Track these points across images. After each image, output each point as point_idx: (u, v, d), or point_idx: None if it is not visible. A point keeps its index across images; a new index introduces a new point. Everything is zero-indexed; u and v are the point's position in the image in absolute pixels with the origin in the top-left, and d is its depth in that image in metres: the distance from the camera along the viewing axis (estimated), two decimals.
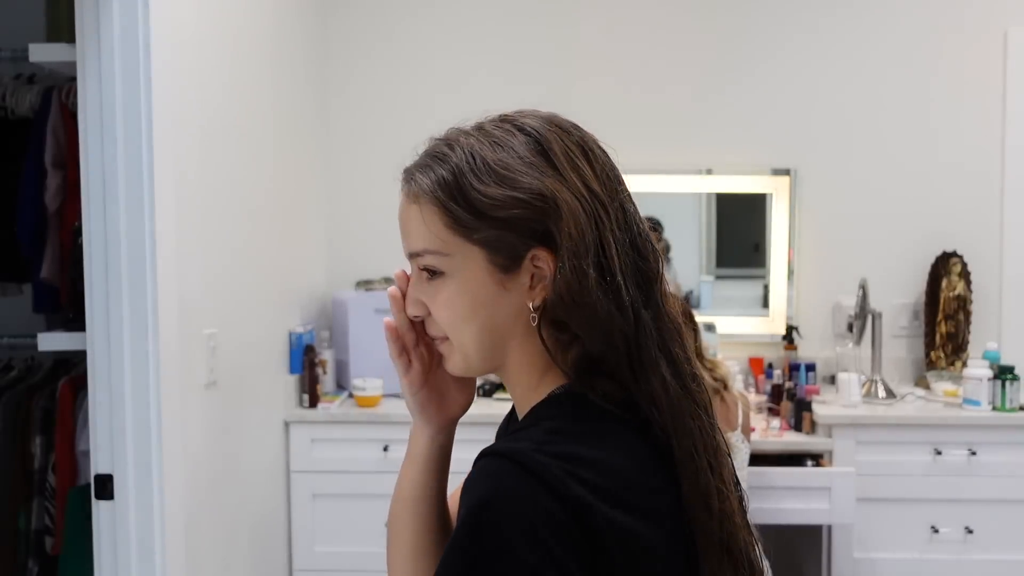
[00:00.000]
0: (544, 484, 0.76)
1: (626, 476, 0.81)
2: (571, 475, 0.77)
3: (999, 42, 3.50)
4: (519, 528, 0.75)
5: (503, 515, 0.76)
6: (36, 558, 2.55)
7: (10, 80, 2.73)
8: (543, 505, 0.75)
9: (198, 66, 2.27)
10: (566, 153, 0.86)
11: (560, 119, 0.90)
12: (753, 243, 3.64)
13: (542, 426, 0.83)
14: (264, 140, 2.83)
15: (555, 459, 0.78)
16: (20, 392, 2.62)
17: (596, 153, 0.89)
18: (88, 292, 1.96)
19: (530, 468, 0.77)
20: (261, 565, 2.83)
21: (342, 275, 3.58)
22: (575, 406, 0.85)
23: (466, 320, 0.88)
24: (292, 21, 3.18)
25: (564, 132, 0.88)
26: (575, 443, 0.81)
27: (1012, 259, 3.51)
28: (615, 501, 0.78)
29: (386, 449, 3.01)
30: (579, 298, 0.82)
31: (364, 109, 3.62)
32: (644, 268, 0.87)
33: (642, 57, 3.57)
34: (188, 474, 2.16)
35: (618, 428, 0.84)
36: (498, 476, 0.78)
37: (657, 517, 0.82)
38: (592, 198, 0.84)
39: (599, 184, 0.86)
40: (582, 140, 0.89)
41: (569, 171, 0.85)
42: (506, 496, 0.76)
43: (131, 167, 1.95)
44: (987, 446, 2.98)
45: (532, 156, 0.85)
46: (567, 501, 0.76)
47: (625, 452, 0.83)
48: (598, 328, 0.83)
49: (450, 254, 0.87)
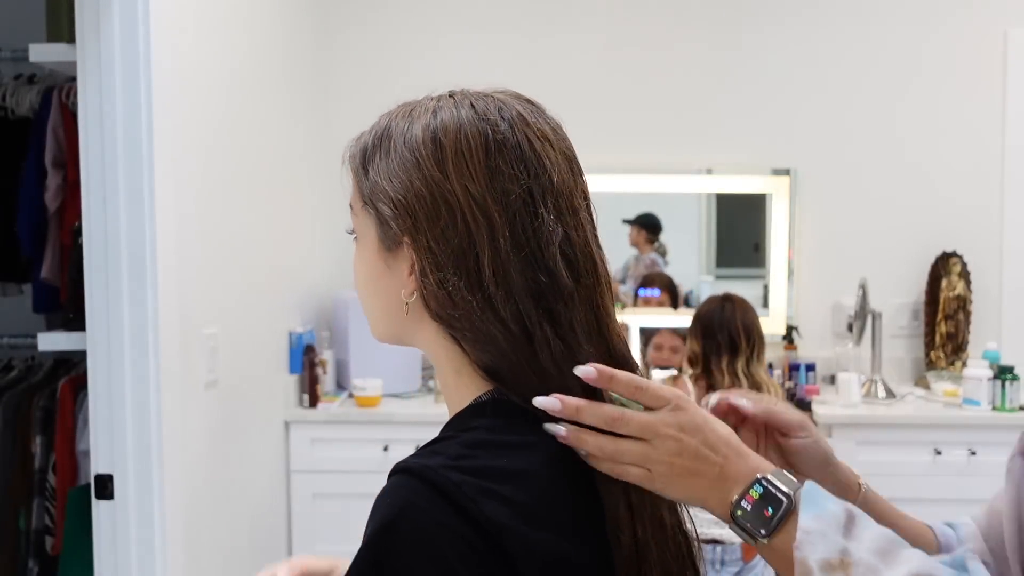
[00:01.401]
0: (454, 505, 0.70)
1: (554, 491, 0.76)
2: (487, 493, 0.71)
3: (999, 42, 3.49)
4: (425, 554, 0.70)
5: (407, 540, 0.70)
6: (36, 558, 2.55)
7: (10, 80, 2.73)
8: (452, 528, 0.70)
9: (198, 66, 2.27)
10: (461, 154, 0.79)
11: (505, 110, 0.82)
12: (753, 243, 3.64)
13: (462, 437, 0.77)
14: (264, 139, 2.83)
15: (470, 476, 0.72)
16: (20, 392, 2.62)
17: (511, 159, 0.79)
18: (88, 292, 1.96)
19: (440, 487, 0.71)
20: (261, 565, 2.82)
21: (342, 275, 3.57)
22: (501, 414, 0.78)
23: (363, 286, 0.88)
24: (292, 20, 3.18)
25: (485, 128, 0.80)
26: (497, 456, 0.75)
27: (1012, 259, 3.51)
28: (540, 521, 0.73)
29: (386, 449, 3.01)
30: (444, 302, 0.78)
31: (365, 109, 3.59)
32: (545, 284, 0.78)
33: (642, 57, 3.57)
34: (188, 474, 2.16)
35: (550, 438, 0.78)
36: (404, 495, 0.72)
37: (586, 533, 0.78)
38: (472, 206, 0.78)
39: (492, 193, 0.78)
40: (502, 142, 0.80)
41: (454, 175, 0.78)
42: (411, 518, 0.70)
43: (131, 167, 1.95)
44: (987, 446, 2.98)
45: (426, 149, 0.80)
46: (479, 524, 0.70)
47: (556, 463, 0.77)
48: (479, 339, 0.79)
49: (356, 215, 0.88)
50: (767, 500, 0.80)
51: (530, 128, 0.81)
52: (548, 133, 0.82)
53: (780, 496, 0.80)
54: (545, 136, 0.82)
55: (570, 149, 0.85)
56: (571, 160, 0.84)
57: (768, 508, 0.80)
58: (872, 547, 0.77)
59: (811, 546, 0.77)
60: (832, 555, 0.77)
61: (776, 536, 0.80)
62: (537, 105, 0.86)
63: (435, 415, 3.03)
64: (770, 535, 0.80)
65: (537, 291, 0.78)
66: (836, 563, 0.76)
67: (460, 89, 0.87)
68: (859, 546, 0.77)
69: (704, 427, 0.81)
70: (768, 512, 0.80)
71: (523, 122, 0.81)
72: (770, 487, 0.80)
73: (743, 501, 0.80)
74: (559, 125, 0.86)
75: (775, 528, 0.79)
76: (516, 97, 0.85)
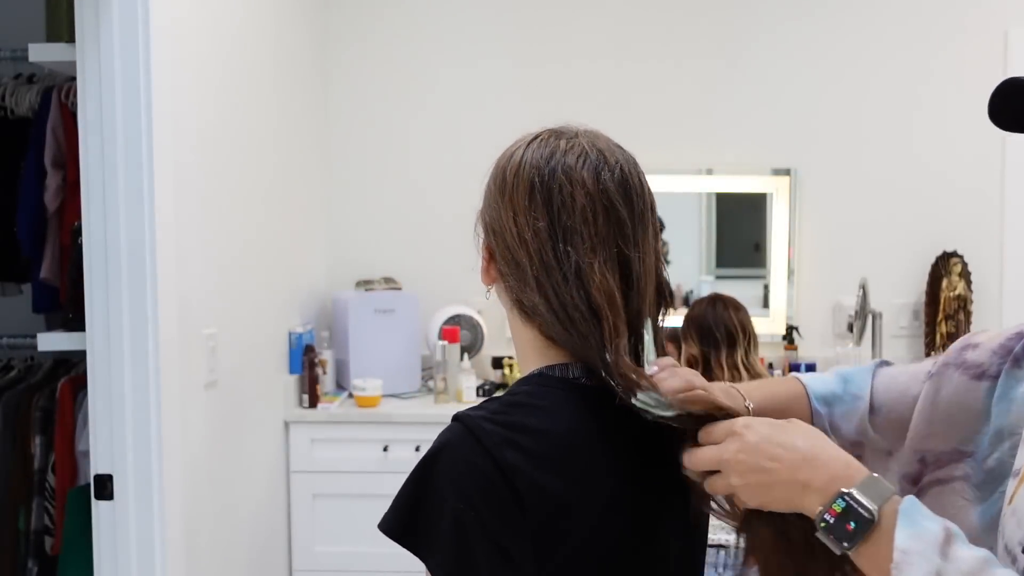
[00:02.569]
0: (482, 447, 0.91)
1: (568, 445, 0.94)
2: (509, 442, 0.91)
3: (999, 42, 3.49)
4: (450, 478, 0.90)
5: (442, 468, 0.91)
6: (36, 558, 2.55)
7: (9, 80, 2.73)
8: (477, 465, 0.90)
9: (198, 66, 2.27)
10: (512, 191, 0.99)
11: (564, 158, 0.98)
12: (753, 243, 3.64)
13: (505, 398, 0.98)
14: (264, 139, 2.82)
15: (500, 427, 0.92)
16: (20, 392, 2.62)
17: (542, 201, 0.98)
18: (88, 292, 1.96)
19: (475, 433, 0.91)
20: (261, 565, 2.82)
21: (342, 275, 3.58)
22: (540, 383, 0.99)
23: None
24: (292, 21, 3.18)
25: (533, 174, 0.98)
26: (527, 415, 0.94)
27: (1012, 259, 3.51)
28: (549, 468, 0.92)
29: (386, 449, 3.01)
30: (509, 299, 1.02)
31: (365, 109, 3.62)
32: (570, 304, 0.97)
33: (642, 57, 3.57)
34: (188, 474, 2.16)
35: (579, 402, 0.97)
36: (448, 436, 0.93)
37: (593, 482, 0.94)
38: (515, 232, 0.99)
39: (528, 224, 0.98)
40: (542, 186, 0.98)
41: (506, 207, 1.00)
42: (449, 452, 0.92)
43: (131, 167, 1.95)
44: None
45: (495, 183, 1.02)
46: (499, 464, 0.90)
47: (577, 423, 0.95)
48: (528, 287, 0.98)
49: None
50: (849, 515, 0.84)
51: (574, 177, 0.97)
52: (589, 184, 0.97)
53: (863, 512, 0.83)
54: (584, 185, 0.97)
55: (610, 197, 0.97)
56: (611, 209, 0.97)
57: (851, 523, 0.84)
58: (965, 568, 0.79)
59: (909, 567, 0.80)
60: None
61: (862, 547, 0.84)
62: (607, 152, 1.00)
63: (435, 415, 3.03)
64: (853, 548, 0.84)
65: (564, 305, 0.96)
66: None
67: (556, 128, 1.03)
68: (954, 567, 0.80)
69: (763, 442, 0.89)
70: (850, 527, 0.84)
71: (568, 171, 0.98)
72: (852, 502, 0.84)
73: (826, 514, 0.85)
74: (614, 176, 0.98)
75: (858, 543, 0.83)
76: (591, 143, 1.00)
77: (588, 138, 1.01)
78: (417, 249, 3.62)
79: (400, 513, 0.93)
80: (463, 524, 0.89)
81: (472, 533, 0.89)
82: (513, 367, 3.35)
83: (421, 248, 3.62)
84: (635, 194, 0.99)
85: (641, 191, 1.00)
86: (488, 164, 1.05)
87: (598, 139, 1.02)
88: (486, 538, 0.89)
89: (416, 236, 3.62)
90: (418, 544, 0.92)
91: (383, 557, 2.99)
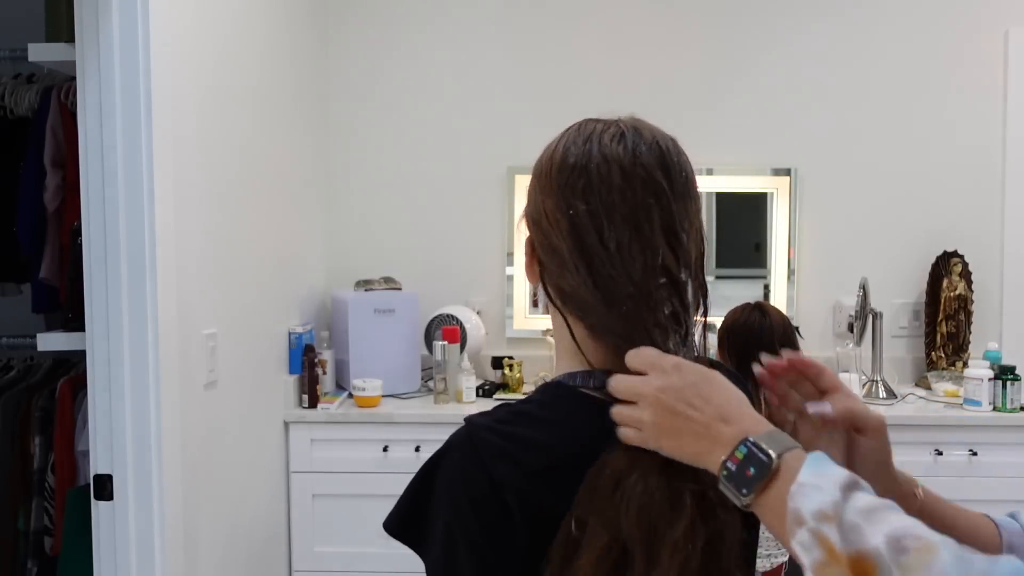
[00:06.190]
0: (479, 458, 0.91)
1: (568, 461, 0.90)
2: (505, 455, 0.91)
3: (999, 42, 3.49)
4: (446, 485, 0.92)
5: (441, 472, 0.93)
6: (35, 558, 2.55)
7: (9, 79, 2.73)
8: (473, 475, 0.91)
9: (197, 65, 2.27)
10: (550, 176, 0.98)
11: (601, 142, 0.97)
12: (754, 243, 3.64)
13: (515, 406, 0.96)
14: (264, 138, 2.82)
15: (499, 438, 0.92)
16: (19, 392, 2.62)
17: (580, 183, 0.96)
18: (88, 292, 1.96)
19: (474, 442, 0.92)
20: (261, 565, 2.82)
21: (342, 275, 3.58)
22: (554, 393, 0.97)
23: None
24: (291, 22, 3.18)
25: (573, 158, 0.97)
26: (531, 427, 0.93)
27: (1013, 259, 3.51)
28: (543, 485, 0.90)
29: (386, 449, 3.00)
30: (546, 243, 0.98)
31: (364, 109, 3.62)
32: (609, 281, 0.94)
33: (642, 57, 3.57)
34: (188, 474, 2.15)
35: (590, 416, 0.92)
36: (453, 440, 0.95)
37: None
38: (553, 209, 0.97)
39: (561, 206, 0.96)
40: (581, 168, 0.96)
41: (542, 191, 0.99)
42: (449, 458, 0.94)
43: (131, 167, 1.94)
44: (988, 447, 2.97)
45: (536, 170, 1.01)
46: (491, 477, 0.90)
47: (583, 438, 0.92)
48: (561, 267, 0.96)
49: None
50: (750, 461, 0.81)
51: (609, 155, 0.96)
52: (626, 161, 0.95)
53: (762, 457, 0.80)
54: (619, 161, 0.95)
55: (648, 172, 0.95)
56: (648, 182, 0.95)
57: (750, 468, 0.80)
58: (862, 505, 0.75)
59: (804, 497, 0.76)
60: (827, 507, 0.75)
61: (763, 496, 0.80)
62: (644, 131, 0.99)
63: (435, 415, 3.03)
64: (751, 495, 0.80)
65: (605, 283, 0.94)
66: (831, 515, 0.75)
67: (594, 118, 1.02)
68: (851, 504, 0.75)
69: (687, 388, 0.86)
70: (749, 472, 0.80)
71: (604, 150, 0.96)
72: (754, 448, 0.81)
73: (728, 462, 0.82)
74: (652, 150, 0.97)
75: (756, 488, 0.80)
76: (628, 124, 0.99)
77: (626, 121, 1.00)
78: (417, 249, 3.62)
79: (402, 511, 0.96)
80: (452, 532, 0.91)
81: (460, 542, 0.91)
82: (513, 367, 3.35)
83: (421, 248, 3.62)
84: (674, 169, 0.97)
85: (680, 166, 0.98)
86: (488, 163, 1.05)
87: (637, 122, 1.01)
88: (471, 549, 0.90)
89: (416, 236, 3.62)
90: (416, 542, 0.95)
91: (383, 557, 3.00)
